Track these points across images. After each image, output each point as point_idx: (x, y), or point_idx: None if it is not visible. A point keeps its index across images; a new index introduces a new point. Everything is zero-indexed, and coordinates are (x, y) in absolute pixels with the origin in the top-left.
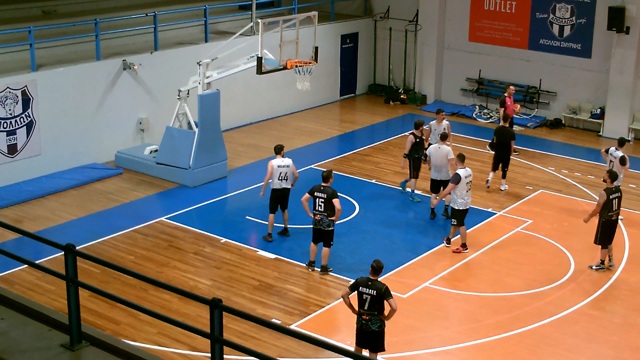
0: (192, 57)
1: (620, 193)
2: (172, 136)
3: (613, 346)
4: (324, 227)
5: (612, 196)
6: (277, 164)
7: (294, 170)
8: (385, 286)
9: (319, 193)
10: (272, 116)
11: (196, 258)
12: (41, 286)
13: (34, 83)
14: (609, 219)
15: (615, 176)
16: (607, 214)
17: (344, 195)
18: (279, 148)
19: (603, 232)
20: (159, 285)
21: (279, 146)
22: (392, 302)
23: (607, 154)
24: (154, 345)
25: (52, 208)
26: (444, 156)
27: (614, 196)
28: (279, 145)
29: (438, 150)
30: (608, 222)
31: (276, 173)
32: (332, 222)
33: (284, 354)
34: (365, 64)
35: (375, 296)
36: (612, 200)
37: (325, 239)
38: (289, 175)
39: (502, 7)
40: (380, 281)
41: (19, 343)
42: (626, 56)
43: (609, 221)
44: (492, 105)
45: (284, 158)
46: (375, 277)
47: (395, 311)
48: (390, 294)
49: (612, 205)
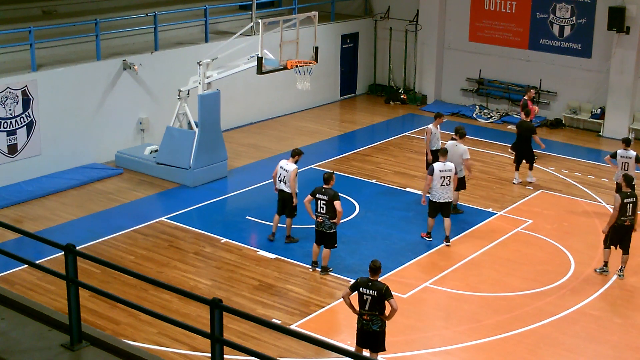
0: (192, 57)
1: (635, 198)
2: (173, 136)
3: (613, 346)
4: (325, 229)
5: (627, 200)
6: (281, 165)
7: (291, 180)
8: (386, 286)
9: (321, 195)
10: (273, 116)
11: (196, 258)
12: (41, 286)
13: (34, 83)
14: (621, 224)
15: (631, 180)
16: (620, 218)
17: (344, 195)
18: (294, 152)
19: (612, 235)
20: (159, 285)
21: (294, 150)
22: (392, 302)
23: (615, 157)
24: (154, 345)
25: (52, 208)
26: (459, 155)
27: (628, 200)
28: (295, 149)
29: (455, 147)
30: (620, 227)
31: (278, 173)
32: (334, 224)
33: (284, 354)
34: (365, 64)
35: (375, 296)
36: (626, 204)
37: (327, 241)
38: (287, 179)
39: (502, 7)
40: (380, 281)
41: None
42: (626, 56)
43: (621, 226)
44: (492, 105)
45: (289, 162)
46: (375, 277)
47: (396, 311)
48: (391, 294)
49: (626, 210)
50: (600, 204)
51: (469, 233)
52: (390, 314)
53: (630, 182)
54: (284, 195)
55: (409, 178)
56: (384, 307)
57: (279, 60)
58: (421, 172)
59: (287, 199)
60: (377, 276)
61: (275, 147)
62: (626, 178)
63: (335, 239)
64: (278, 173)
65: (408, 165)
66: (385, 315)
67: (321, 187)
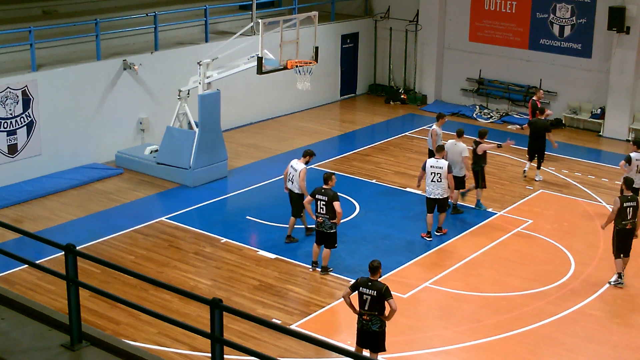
0: (192, 57)
1: (636, 203)
2: (173, 136)
3: (613, 346)
4: (325, 229)
5: (626, 204)
6: (292, 164)
7: (300, 180)
8: (386, 286)
9: (320, 195)
10: (273, 116)
11: (196, 258)
12: (41, 286)
13: (34, 83)
14: (622, 228)
15: (631, 183)
16: (620, 222)
17: (345, 195)
18: (305, 153)
19: (617, 241)
20: (159, 285)
21: (306, 151)
22: (392, 302)
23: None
24: (154, 345)
25: (52, 208)
26: (458, 153)
27: (628, 204)
28: (307, 150)
29: (454, 146)
30: (622, 230)
31: (289, 172)
32: (334, 224)
33: (284, 354)
34: (365, 64)
35: (375, 296)
36: (625, 208)
37: (327, 241)
38: (295, 179)
39: (502, 7)
40: (380, 281)
41: (20, 343)
42: (626, 56)
43: (622, 230)
44: (492, 105)
45: (299, 162)
46: (375, 276)
47: (395, 312)
48: (391, 294)
49: (626, 214)
50: (601, 204)
51: (469, 233)
52: (390, 315)
53: (630, 185)
54: (292, 195)
55: (409, 178)
56: (384, 307)
57: (279, 60)
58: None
59: (294, 199)
60: (377, 276)
61: (276, 147)
62: (626, 181)
63: (336, 239)
64: (288, 172)
65: (408, 165)
66: (385, 315)
67: (321, 188)
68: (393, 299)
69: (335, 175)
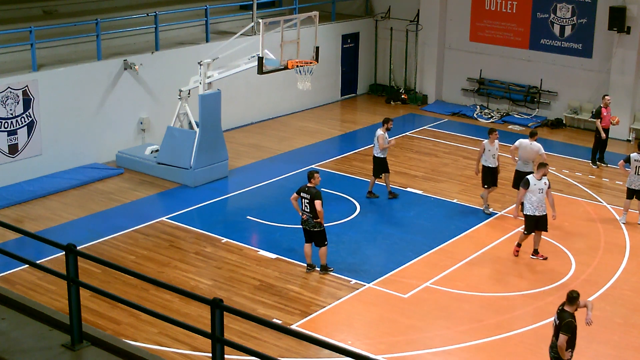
0: (193, 57)
1: None
2: (173, 136)
3: (614, 346)
4: (309, 227)
5: None
6: (302, 190)
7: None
8: (317, 191)
9: (304, 193)
10: (273, 116)
11: (197, 258)
12: (42, 286)
13: (34, 83)
14: None
15: None
16: None
17: (345, 195)
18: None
19: None
20: (160, 285)
21: (385, 119)
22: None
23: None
24: (155, 345)
25: (53, 208)
26: (535, 152)
27: None
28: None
29: (529, 145)
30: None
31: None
32: (317, 223)
33: (284, 353)
34: (366, 64)
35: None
36: None
37: (315, 239)
38: (375, 143)
39: (503, 7)
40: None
41: (20, 343)
42: (627, 56)
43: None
44: (493, 105)
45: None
46: (311, 183)
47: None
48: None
49: None
50: (601, 204)
51: (469, 233)
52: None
53: None
54: (374, 158)
55: (409, 178)
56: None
57: (279, 60)
58: (421, 172)
59: (376, 162)
60: (313, 182)
61: (276, 147)
62: None
63: (324, 237)
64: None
65: (408, 165)
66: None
67: (305, 186)
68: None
69: (318, 173)
